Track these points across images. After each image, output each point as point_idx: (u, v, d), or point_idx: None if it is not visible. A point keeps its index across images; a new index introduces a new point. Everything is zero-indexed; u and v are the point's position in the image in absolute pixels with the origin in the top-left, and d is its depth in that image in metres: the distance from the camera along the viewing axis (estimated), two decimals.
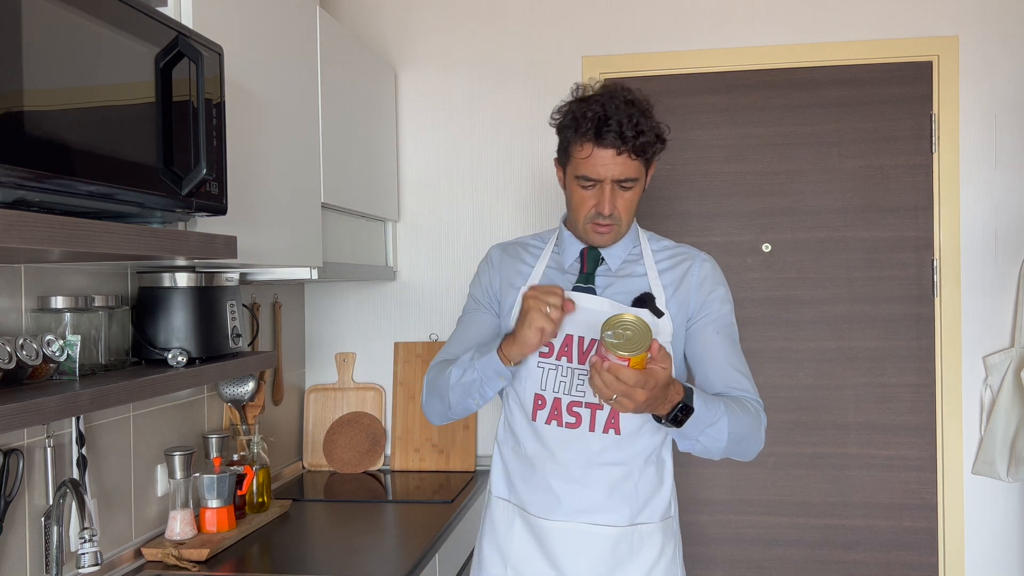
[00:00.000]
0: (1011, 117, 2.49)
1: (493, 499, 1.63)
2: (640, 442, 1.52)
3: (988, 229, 2.50)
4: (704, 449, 1.44)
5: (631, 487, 1.52)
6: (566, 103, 1.52)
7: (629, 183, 1.47)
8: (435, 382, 1.57)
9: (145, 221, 1.38)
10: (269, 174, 1.84)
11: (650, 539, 1.54)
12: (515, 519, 1.58)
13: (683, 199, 2.64)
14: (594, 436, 1.50)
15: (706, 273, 1.57)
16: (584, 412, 1.50)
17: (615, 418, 1.50)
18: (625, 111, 1.43)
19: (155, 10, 1.30)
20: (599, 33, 2.67)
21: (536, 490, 1.54)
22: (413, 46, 2.78)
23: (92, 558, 1.46)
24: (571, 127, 1.47)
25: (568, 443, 1.51)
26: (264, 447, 2.22)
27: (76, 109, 1.13)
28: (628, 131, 1.42)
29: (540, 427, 1.53)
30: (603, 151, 1.43)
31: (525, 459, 1.56)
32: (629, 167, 1.45)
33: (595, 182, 1.46)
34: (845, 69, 2.56)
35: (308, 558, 1.86)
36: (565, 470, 1.52)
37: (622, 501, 1.52)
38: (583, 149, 1.45)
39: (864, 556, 2.56)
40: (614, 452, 1.51)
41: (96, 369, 1.51)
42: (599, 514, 1.52)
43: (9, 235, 0.98)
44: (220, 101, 1.47)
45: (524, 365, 1.53)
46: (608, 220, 1.48)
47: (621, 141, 1.42)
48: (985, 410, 2.49)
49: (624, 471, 1.52)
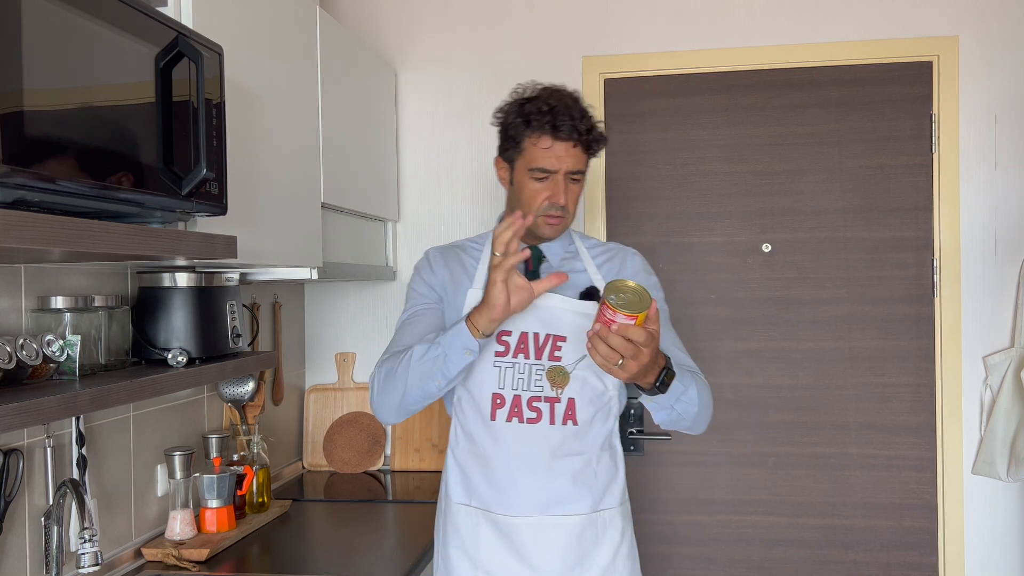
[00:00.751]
0: (1011, 117, 2.49)
1: (453, 505, 1.63)
2: (594, 430, 1.59)
3: (988, 229, 2.50)
4: (678, 417, 1.51)
5: (591, 475, 1.58)
6: (509, 103, 1.59)
7: (579, 175, 1.56)
8: (390, 371, 1.53)
9: (145, 221, 1.38)
10: (269, 174, 1.84)
11: (612, 524, 1.61)
12: (479, 521, 1.59)
13: (683, 199, 2.64)
14: (555, 429, 1.56)
15: (639, 265, 1.68)
16: (544, 406, 1.56)
17: (572, 409, 1.56)
18: (576, 107, 1.53)
19: (155, 10, 1.30)
20: (599, 33, 2.67)
21: (500, 489, 1.57)
22: (413, 46, 2.77)
23: (92, 558, 1.46)
24: (523, 123, 1.53)
25: (531, 437, 1.56)
26: (264, 447, 2.22)
27: (76, 109, 1.13)
28: (582, 125, 1.51)
29: (499, 426, 1.57)
30: (561, 143, 1.51)
31: (484, 460, 1.59)
32: (580, 160, 1.54)
33: (549, 174, 1.53)
34: (845, 69, 2.56)
35: (308, 558, 1.86)
36: (530, 464, 1.56)
37: (585, 490, 1.57)
38: (541, 140, 1.51)
39: (864, 556, 2.56)
40: (574, 442, 1.57)
41: (96, 369, 1.51)
42: (564, 504, 1.56)
43: (9, 235, 0.98)
44: (220, 101, 1.47)
45: (479, 366, 1.56)
46: (559, 211, 1.55)
47: (577, 134, 1.51)
48: (985, 410, 2.49)
49: (584, 460, 1.58)
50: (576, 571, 1.57)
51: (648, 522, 2.63)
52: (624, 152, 2.66)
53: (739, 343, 2.61)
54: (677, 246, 2.65)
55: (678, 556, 2.63)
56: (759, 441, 2.61)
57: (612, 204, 2.67)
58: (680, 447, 2.63)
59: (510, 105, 1.58)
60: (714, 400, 1.60)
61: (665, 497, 2.63)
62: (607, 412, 1.61)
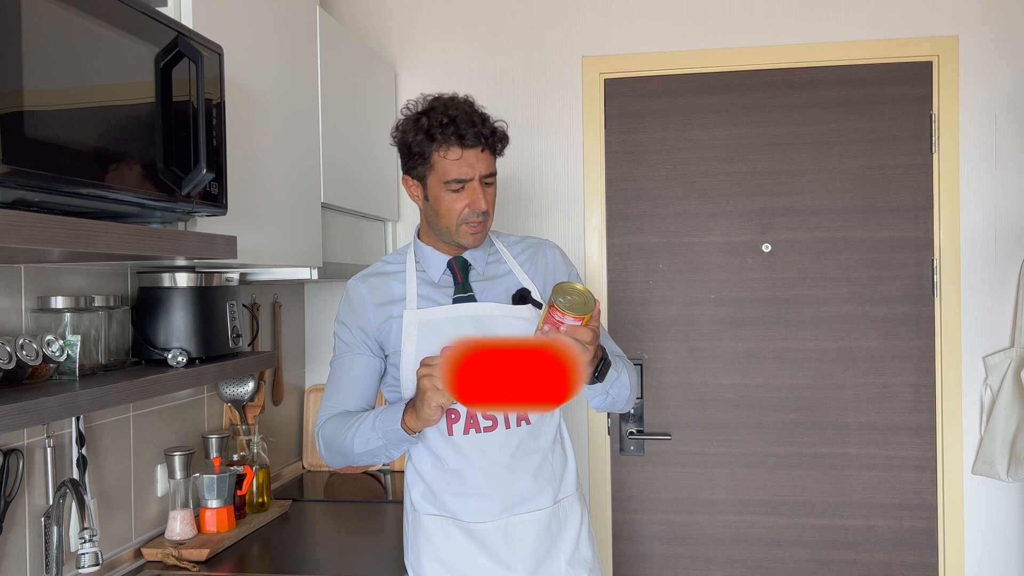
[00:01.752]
0: (1011, 117, 2.49)
1: (423, 517, 1.65)
2: (546, 426, 1.67)
3: (988, 229, 2.51)
4: (613, 401, 1.60)
5: (548, 469, 1.66)
6: (403, 120, 1.59)
7: (491, 178, 1.58)
8: (334, 443, 1.60)
9: (145, 221, 1.38)
10: (269, 174, 1.84)
11: (572, 510, 1.69)
12: (450, 528, 1.62)
13: (683, 199, 2.64)
14: (511, 432, 1.61)
15: (558, 258, 1.73)
16: (498, 415, 1.61)
17: None
18: (475, 113, 1.54)
19: (155, 10, 1.30)
20: (599, 33, 2.67)
21: (468, 498, 1.61)
22: (413, 46, 2.78)
23: (92, 558, 1.46)
24: (427, 138, 1.53)
25: (491, 445, 1.60)
26: (264, 447, 2.22)
27: (76, 109, 1.13)
28: (484, 129, 1.53)
29: (459, 439, 1.60)
30: (470, 151, 1.53)
31: (450, 472, 1.62)
32: (490, 163, 1.57)
33: (464, 183, 1.54)
34: (845, 69, 2.56)
35: (308, 558, 1.86)
36: (493, 472, 1.61)
37: (545, 484, 1.64)
38: (451, 152, 1.52)
39: (864, 556, 2.56)
40: (529, 441, 1.63)
41: (96, 369, 1.51)
42: (528, 502, 1.63)
43: (9, 235, 0.98)
44: (220, 101, 1.47)
45: None
46: (481, 216, 1.56)
47: (483, 139, 1.53)
48: (985, 410, 2.49)
49: (541, 456, 1.65)
50: (546, 562, 1.64)
51: (648, 522, 2.63)
52: (624, 152, 2.66)
53: (739, 343, 2.61)
54: (677, 246, 2.65)
55: (678, 556, 2.63)
56: (759, 441, 2.61)
57: (612, 204, 2.67)
58: (680, 447, 2.63)
59: (406, 122, 1.57)
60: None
61: (665, 497, 2.63)
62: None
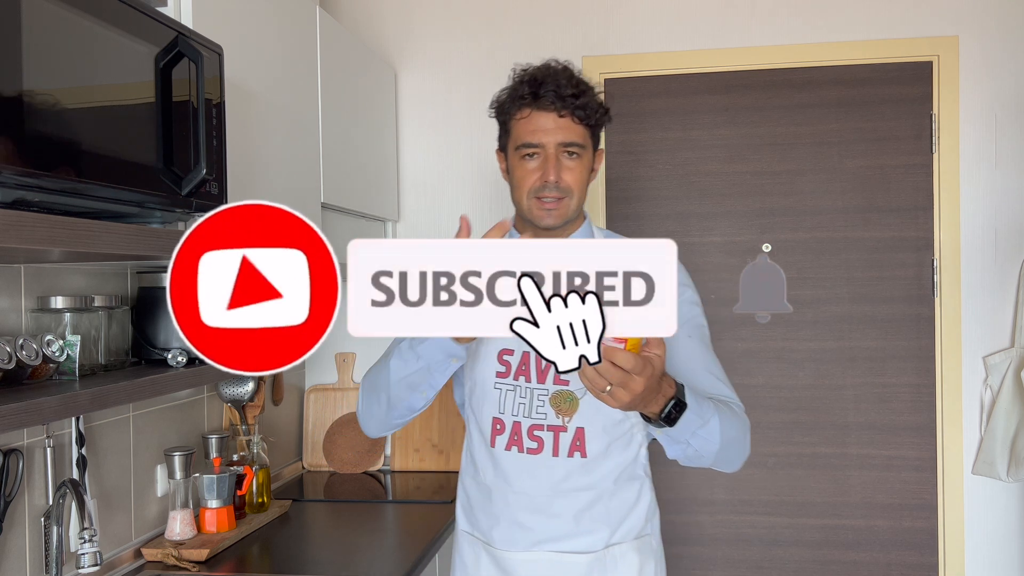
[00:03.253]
0: (1011, 117, 2.49)
1: (459, 532, 1.55)
2: (608, 463, 1.43)
3: (988, 229, 2.50)
4: (695, 454, 1.30)
5: (602, 510, 1.43)
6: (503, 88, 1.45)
7: (575, 148, 1.37)
8: (372, 382, 1.41)
9: (145, 221, 1.37)
10: (269, 174, 1.84)
11: (624, 560, 1.45)
12: (481, 554, 1.50)
13: (683, 199, 2.64)
14: (558, 461, 1.41)
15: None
16: (546, 436, 1.41)
17: (580, 440, 1.41)
18: (563, 75, 1.37)
19: (155, 10, 1.30)
20: (599, 33, 2.67)
21: (498, 521, 1.46)
22: (413, 46, 2.77)
23: (92, 558, 1.46)
24: (507, 100, 1.40)
25: (531, 470, 1.42)
26: (264, 447, 2.22)
27: (76, 109, 1.13)
28: (567, 90, 1.34)
29: (499, 453, 1.44)
30: (543, 113, 1.36)
31: (484, 488, 1.48)
32: (573, 131, 1.36)
33: (537, 148, 1.36)
34: (845, 69, 2.56)
35: (308, 558, 1.86)
36: (528, 499, 1.42)
37: (592, 526, 1.43)
38: (522, 113, 1.37)
39: (864, 556, 2.56)
40: (581, 476, 1.42)
41: (96, 369, 1.51)
42: (568, 540, 1.43)
43: (9, 235, 0.98)
44: (220, 101, 1.47)
45: (480, 386, 1.44)
46: (556, 192, 1.36)
47: (561, 102, 1.34)
48: (985, 410, 2.49)
49: (593, 495, 1.43)
50: None
51: None
52: (624, 152, 2.66)
53: (739, 343, 2.61)
54: (677, 246, 2.64)
55: (678, 556, 2.63)
56: (759, 441, 2.60)
57: (612, 204, 2.67)
58: None
59: (502, 91, 1.44)
60: None
61: (665, 497, 2.63)
62: (627, 441, 1.44)
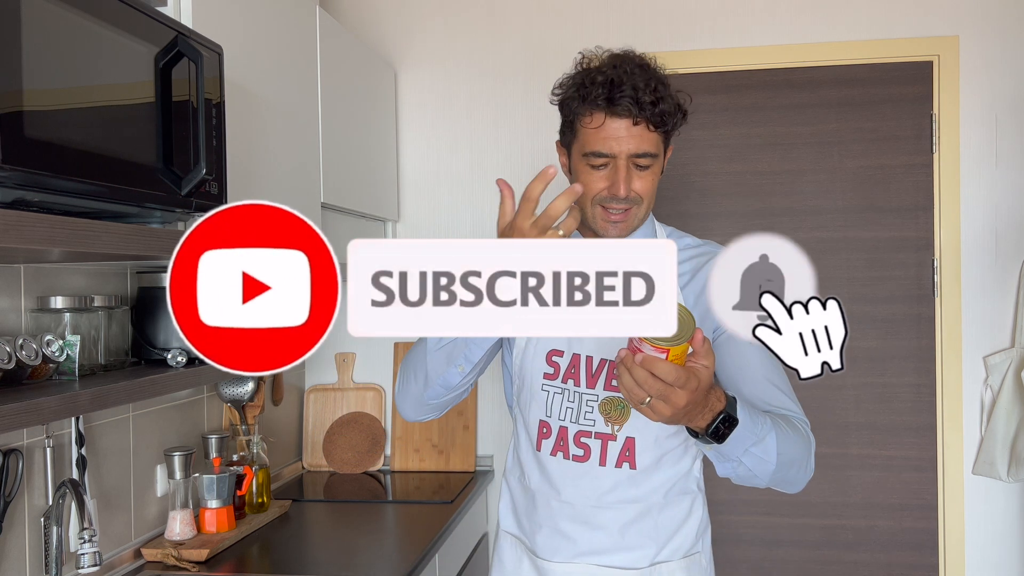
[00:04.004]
0: (1011, 117, 2.49)
1: (501, 532, 1.50)
2: (659, 476, 1.36)
3: (988, 229, 2.50)
4: (748, 473, 1.19)
5: (650, 525, 1.36)
6: (568, 76, 1.32)
7: (647, 159, 1.26)
8: (410, 359, 1.35)
9: (145, 221, 1.37)
10: (269, 174, 1.84)
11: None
12: (523, 558, 1.44)
13: (683, 199, 2.64)
14: (605, 471, 1.34)
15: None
16: (594, 443, 1.34)
17: (630, 450, 1.33)
18: (641, 75, 1.24)
19: (155, 10, 1.30)
20: (599, 33, 2.67)
21: (540, 528, 1.40)
22: (413, 46, 2.77)
23: (92, 558, 1.46)
24: (576, 97, 1.27)
25: (575, 479, 1.35)
26: (264, 447, 2.22)
27: (76, 109, 1.13)
28: (645, 96, 1.22)
29: (545, 458, 1.37)
30: (617, 121, 1.23)
31: (529, 493, 1.42)
32: (647, 140, 1.25)
33: (607, 158, 1.25)
34: (845, 69, 2.56)
35: (308, 558, 1.86)
36: (572, 509, 1.36)
37: (639, 540, 1.36)
38: (593, 119, 1.25)
39: (864, 556, 2.56)
40: (628, 489, 1.34)
41: (96, 369, 1.51)
42: (613, 555, 1.36)
43: (9, 235, 0.98)
44: (220, 101, 1.47)
45: (529, 385, 1.38)
46: (624, 204, 1.27)
47: (638, 108, 1.22)
48: (985, 410, 2.49)
49: (640, 508, 1.35)
50: None
51: None
52: None
53: None
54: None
55: None
56: None
57: None
58: None
59: (570, 78, 1.31)
60: None
61: None
62: (681, 453, 1.37)
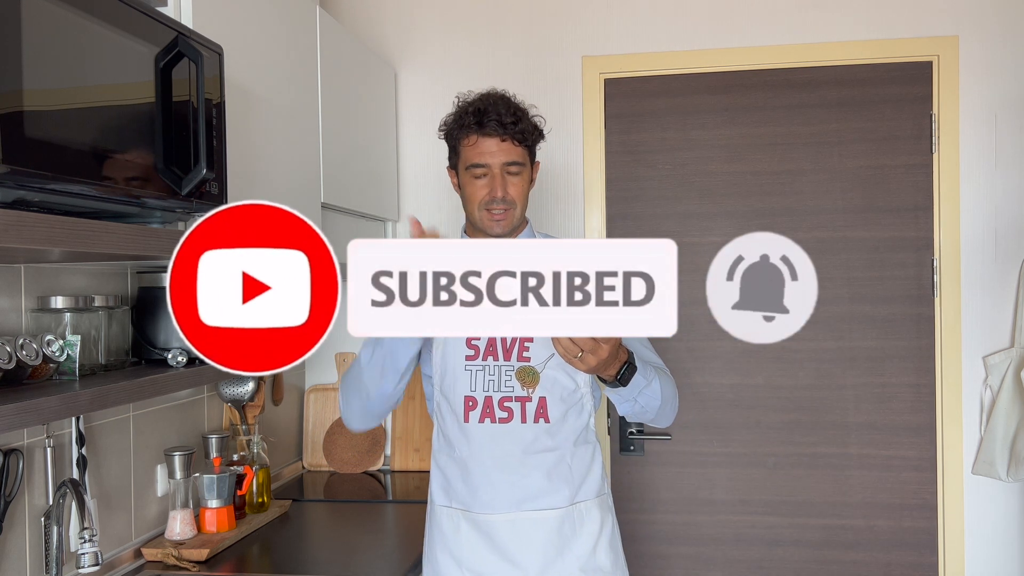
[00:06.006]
0: (1011, 117, 2.49)
1: (436, 508, 1.69)
2: (567, 426, 1.64)
3: (988, 229, 2.50)
4: (641, 409, 1.54)
5: (565, 469, 1.63)
6: (449, 114, 1.65)
7: (516, 167, 1.59)
8: (348, 376, 1.64)
9: (145, 221, 1.38)
10: (269, 174, 1.84)
11: (589, 515, 1.65)
12: (460, 522, 1.64)
13: (683, 199, 2.64)
14: (526, 427, 1.61)
15: None
16: (515, 406, 1.61)
17: (543, 407, 1.62)
18: (503, 104, 1.58)
19: (155, 10, 1.30)
20: (599, 33, 2.67)
21: (477, 489, 1.62)
22: (413, 46, 2.77)
23: (92, 558, 1.46)
24: (455, 125, 1.62)
25: (503, 436, 1.61)
26: (264, 447, 2.22)
27: (76, 109, 1.13)
28: (507, 119, 1.56)
29: (473, 428, 1.62)
30: (488, 139, 1.57)
31: (461, 462, 1.64)
32: (514, 152, 1.59)
33: (485, 168, 1.58)
34: (845, 69, 2.56)
35: (308, 558, 1.86)
36: (503, 463, 1.61)
37: (560, 483, 1.62)
38: (469, 139, 1.58)
39: (864, 556, 2.56)
40: (546, 439, 1.62)
41: (96, 369, 1.51)
42: (540, 499, 1.61)
43: (9, 235, 0.98)
44: (220, 101, 1.47)
45: (451, 370, 1.64)
46: (502, 204, 1.58)
47: (502, 128, 1.56)
48: (985, 410, 2.49)
49: (557, 455, 1.63)
50: (556, 564, 1.61)
51: (648, 522, 2.63)
52: (624, 152, 2.66)
53: (738, 343, 2.58)
54: (677, 246, 2.64)
55: (678, 556, 2.63)
56: (759, 441, 2.61)
57: (612, 204, 2.67)
58: (680, 447, 2.62)
59: (450, 115, 1.65)
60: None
61: (665, 497, 2.63)
62: (580, 408, 1.67)
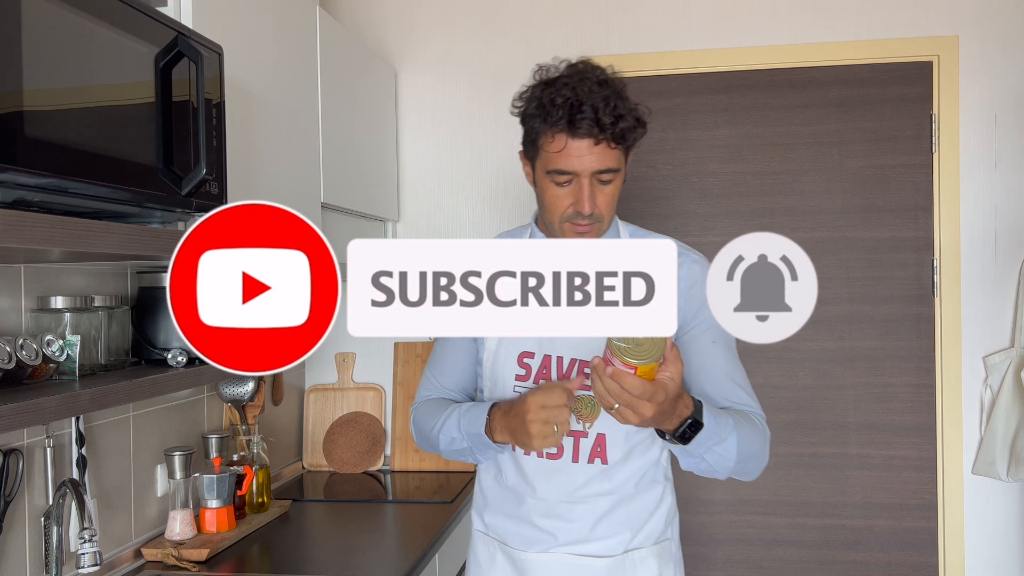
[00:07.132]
0: (1011, 117, 2.49)
1: (474, 532, 1.54)
2: (629, 467, 1.40)
3: (988, 229, 2.50)
4: (709, 468, 1.28)
5: (622, 515, 1.41)
6: (528, 87, 1.33)
7: (609, 175, 1.29)
8: (423, 432, 1.48)
9: (145, 221, 1.37)
10: (269, 174, 1.84)
11: (643, 565, 1.42)
12: (496, 553, 1.48)
13: (683, 199, 2.64)
14: (578, 467, 1.38)
15: (696, 276, 1.38)
16: (566, 441, 1.38)
17: (601, 446, 1.38)
18: (600, 93, 1.25)
19: (155, 10, 1.30)
20: (599, 33, 2.67)
21: (519, 524, 1.44)
22: (413, 46, 2.77)
23: (92, 558, 1.46)
24: (538, 116, 1.29)
25: (549, 476, 1.40)
26: (264, 447, 2.22)
27: (76, 109, 1.13)
28: (605, 117, 1.24)
29: (520, 457, 1.42)
30: (578, 142, 1.26)
31: (507, 490, 1.46)
32: (608, 157, 1.27)
33: (571, 176, 1.28)
34: (845, 69, 2.56)
35: (308, 558, 1.86)
36: (547, 506, 1.40)
37: (611, 530, 1.40)
38: (555, 141, 1.27)
39: (864, 556, 2.56)
40: (601, 483, 1.39)
41: (96, 369, 1.51)
42: (587, 544, 1.40)
43: (9, 235, 0.98)
44: (220, 101, 1.47)
45: (500, 388, 1.43)
46: (588, 219, 1.31)
47: (599, 129, 1.24)
48: (985, 410, 2.49)
49: (613, 500, 1.40)
50: None
51: None
52: None
53: (738, 343, 2.60)
54: None
55: None
56: None
57: None
58: None
59: (530, 90, 1.33)
60: None
61: None
62: (649, 444, 1.42)
